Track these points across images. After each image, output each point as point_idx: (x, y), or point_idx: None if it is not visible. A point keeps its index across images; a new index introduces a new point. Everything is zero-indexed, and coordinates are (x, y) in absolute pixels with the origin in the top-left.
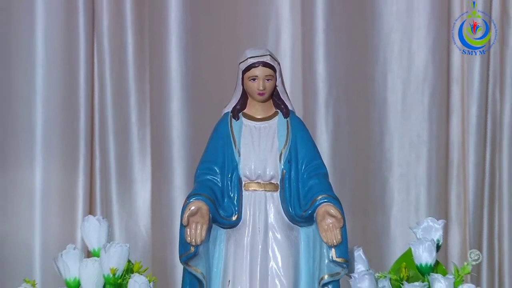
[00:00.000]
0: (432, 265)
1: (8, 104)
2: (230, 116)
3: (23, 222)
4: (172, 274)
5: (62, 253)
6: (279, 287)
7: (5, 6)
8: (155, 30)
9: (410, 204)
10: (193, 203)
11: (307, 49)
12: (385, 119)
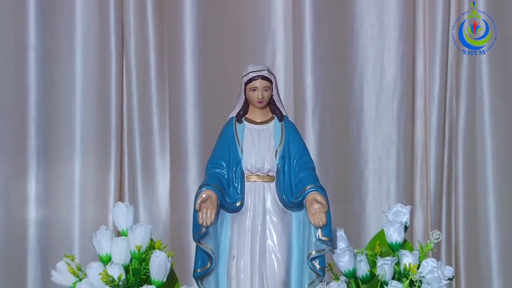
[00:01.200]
0: (401, 243)
1: (53, 110)
2: (235, 120)
3: (65, 208)
4: (187, 251)
5: (97, 233)
6: (275, 261)
7: (51, 28)
8: (173, 50)
9: (382, 193)
10: (204, 192)
11: (297, 65)
12: (362, 123)
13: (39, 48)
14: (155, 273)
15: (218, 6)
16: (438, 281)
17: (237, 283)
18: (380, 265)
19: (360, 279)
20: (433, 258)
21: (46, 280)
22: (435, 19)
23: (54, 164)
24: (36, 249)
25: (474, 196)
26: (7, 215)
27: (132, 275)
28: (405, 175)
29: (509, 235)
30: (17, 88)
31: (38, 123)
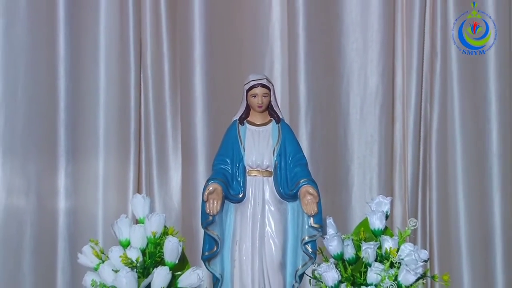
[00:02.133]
0: (382, 229)
1: (80, 114)
2: (238, 122)
3: (90, 199)
4: (196, 236)
5: (117, 221)
6: (272, 245)
7: (78, 43)
8: (184, 63)
9: (366, 186)
10: (211, 185)
11: (292, 75)
12: (348, 125)
13: (68, 61)
14: (168, 256)
15: (223, 25)
16: (415, 263)
17: (240, 265)
18: (364, 249)
19: (347, 261)
20: (410, 243)
21: (73, 262)
22: (411, 35)
23: (81, 161)
24: (65, 235)
25: (446, 189)
26: (40, 206)
27: (148, 257)
28: (386, 170)
29: (475, 222)
30: (49, 94)
31: (67, 125)
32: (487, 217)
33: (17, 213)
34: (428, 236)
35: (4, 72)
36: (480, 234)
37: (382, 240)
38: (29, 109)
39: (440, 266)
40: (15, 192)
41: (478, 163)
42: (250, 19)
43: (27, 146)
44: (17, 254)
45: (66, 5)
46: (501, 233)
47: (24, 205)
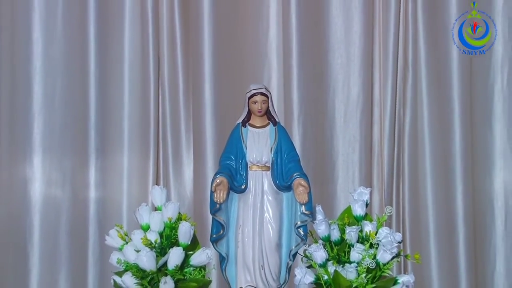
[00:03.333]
0: (363, 215)
1: (107, 118)
2: (241, 125)
3: (116, 190)
4: (206, 221)
5: (139, 208)
6: (270, 229)
7: (106, 58)
8: (195, 75)
9: (349, 178)
10: (218, 178)
11: (286, 85)
12: (334, 127)
13: (97, 73)
14: (182, 238)
15: (228, 43)
16: (391, 244)
17: (243, 245)
18: (348, 232)
19: (333, 242)
20: (386, 227)
21: (102, 243)
22: (387, 51)
23: (108, 158)
24: (95, 220)
25: (416, 181)
26: (74, 196)
27: (165, 239)
28: (366, 166)
29: (441, 208)
30: (81, 101)
31: (96, 127)
32: (451, 205)
33: (55, 201)
34: (401, 221)
35: (44, 83)
36: (445, 219)
37: (363, 225)
38: (65, 114)
39: (411, 247)
40: (53, 184)
41: (443, 159)
42: (251, 38)
43: (63, 145)
44: (55, 236)
45: (95, 26)
46: (462, 218)
47: (60, 195)
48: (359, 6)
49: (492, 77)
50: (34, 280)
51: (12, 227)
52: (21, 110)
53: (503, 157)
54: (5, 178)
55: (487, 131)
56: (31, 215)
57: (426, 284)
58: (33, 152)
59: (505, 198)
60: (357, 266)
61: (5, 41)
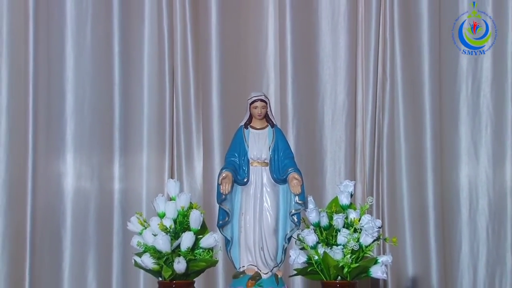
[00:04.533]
0: (348, 204)
1: (129, 121)
2: (243, 127)
3: (137, 182)
4: (213, 210)
5: (156, 199)
6: (269, 216)
7: (128, 70)
8: (205, 85)
9: (336, 173)
10: (224, 172)
11: (282, 93)
12: (323, 129)
13: (121, 83)
14: (193, 224)
15: (233, 57)
16: (372, 229)
17: (245, 230)
18: (335, 219)
19: (323, 227)
20: (368, 214)
21: (124, 228)
22: (369, 64)
23: (130, 155)
24: (118, 209)
25: (393, 175)
26: (101, 187)
27: (178, 225)
28: (350, 162)
29: (414, 199)
30: (107, 107)
31: (120, 129)
32: (423, 195)
33: (84, 192)
34: (380, 209)
35: (75, 91)
36: (418, 207)
37: (348, 213)
38: (93, 118)
39: (389, 231)
40: (83, 177)
41: (416, 156)
42: (252, 53)
43: (91, 144)
44: (85, 223)
45: (119, 42)
46: (433, 206)
47: (89, 187)
48: (345, 26)
49: (458, 86)
50: (66, 259)
51: (48, 215)
52: (55, 115)
53: (467, 155)
54: (42, 173)
55: (454, 132)
56: (64, 204)
57: (401, 263)
58: (66, 151)
59: (469, 189)
60: (343, 248)
61: (42, 55)
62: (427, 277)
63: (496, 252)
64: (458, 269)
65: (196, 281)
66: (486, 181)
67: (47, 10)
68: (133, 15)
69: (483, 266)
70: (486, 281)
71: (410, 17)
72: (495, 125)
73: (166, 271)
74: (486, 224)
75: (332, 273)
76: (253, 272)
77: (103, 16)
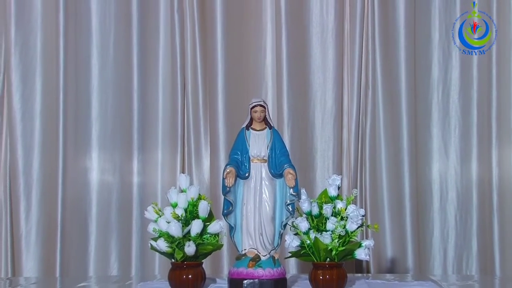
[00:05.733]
0: (336, 196)
1: (146, 123)
2: (245, 128)
3: (153, 176)
4: (219, 201)
5: (169, 191)
6: (267, 206)
7: (146, 78)
8: (211, 91)
9: (325, 168)
10: (228, 168)
11: (279, 99)
12: (314, 130)
13: (139, 90)
14: (201, 213)
15: (236, 69)
16: (357, 217)
17: (246, 218)
18: (324, 208)
19: (314, 216)
20: (353, 204)
21: (142, 216)
22: (353, 74)
23: (147, 152)
24: (137, 199)
25: (375, 170)
26: (122, 181)
27: (189, 213)
28: (337, 159)
29: (393, 191)
30: (127, 111)
31: (138, 129)
32: (400, 187)
33: (107, 185)
34: (363, 200)
35: (99, 98)
36: (396, 198)
37: (335, 203)
38: (114, 120)
39: (371, 219)
40: (106, 172)
41: (394, 154)
42: (253, 65)
43: (113, 143)
44: (108, 212)
45: (138, 56)
46: (409, 197)
47: (111, 180)
48: (332, 42)
49: (431, 93)
50: (92, 243)
51: (76, 204)
52: (82, 118)
53: (439, 153)
54: (71, 168)
55: (427, 133)
56: (90, 195)
57: (382, 246)
58: (92, 149)
59: (440, 183)
60: (332, 233)
61: (71, 67)
62: (404, 259)
63: (463, 236)
64: (431, 252)
65: (204, 262)
66: (455, 175)
67: (75, 28)
68: (149, 32)
69: (452, 248)
70: (455, 262)
71: (389, 34)
72: (462, 127)
73: (178, 254)
74: (454, 212)
75: (322, 255)
76: (254, 255)
77: (124, 33)
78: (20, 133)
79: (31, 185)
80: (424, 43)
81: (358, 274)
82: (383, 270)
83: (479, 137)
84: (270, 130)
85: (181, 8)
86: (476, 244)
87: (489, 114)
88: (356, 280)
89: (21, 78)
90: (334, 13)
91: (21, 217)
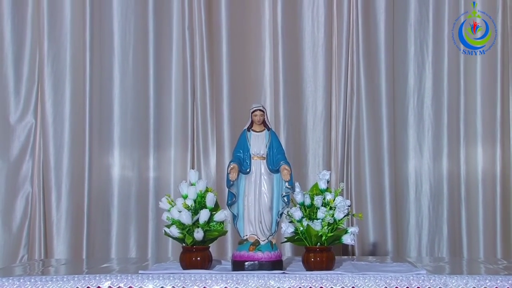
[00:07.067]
0: (325, 189)
1: (161, 123)
2: (246, 130)
3: (166, 171)
4: (224, 193)
5: (181, 184)
6: (265, 197)
7: (162, 80)
8: (217, 96)
9: (316, 165)
10: (232, 164)
11: (276, 105)
12: (306, 132)
13: (155, 94)
14: (208, 203)
15: (239, 78)
16: (343, 207)
17: (247, 208)
18: (315, 199)
19: (306, 206)
20: (340, 196)
21: (157, 206)
22: (340, 81)
23: (161, 150)
24: (153, 192)
25: (359, 167)
26: (140, 175)
27: (197, 204)
28: (327, 157)
29: (374, 184)
30: (144, 115)
31: (154, 129)
32: (381, 182)
33: (127, 179)
34: (349, 192)
35: (120, 103)
36: (377, 191)
37: (325, 195)
38: (134, 122)
39: (356, 209)
40: (126, 167)
41: (376, 152)
42: (253, 74)
43: (132, 141)
44: (127, 203)
45: (154, 66)
46: (388, 190)
47: (131, 175)
48: (322, 55)
49: (407, 99)
50: (114, 229)
51: (100, 196)
52: (106, 120)
53: (414, 151)
54: (96, 165)
55: (404, 134)
56: (112, 188)
57: (365, 232)
58: (114, 147)
59: (415, 177)
60: (322, 221)
61: (96, 76)
62: (384, 243)
63: (435, 224)
64: (407, 237)
65: (210, 246)
66: (428, 170)
67: (99, 43)
68: (164, 47)
69: (426, 234)
70: (428, 246)
71: (371, 48)
72: (435, 129)
73: (188, 239)
74: (428, 203)
75: (313, 240)
76: (254, 240)
77: (141, 48)
78: (51, 134)
79: (61, 179)
80: (402, 56)
81: (344, 256)
82: (366, 253)
83: (449, 138)
84: (268, 132)
85: (191, 26)
86: (447, 230)
87: (457, 117)
88: (343, 261)
89: (53, 86)
90: (324, 30)
91: (52, 206)
